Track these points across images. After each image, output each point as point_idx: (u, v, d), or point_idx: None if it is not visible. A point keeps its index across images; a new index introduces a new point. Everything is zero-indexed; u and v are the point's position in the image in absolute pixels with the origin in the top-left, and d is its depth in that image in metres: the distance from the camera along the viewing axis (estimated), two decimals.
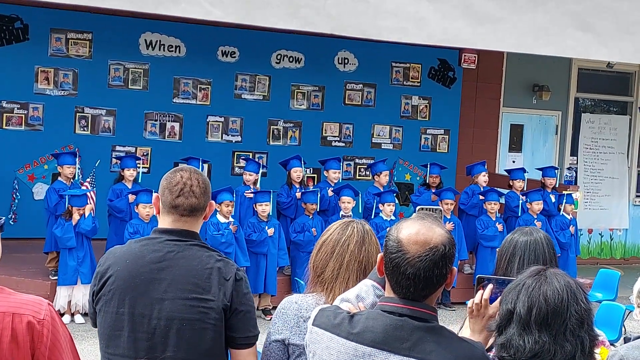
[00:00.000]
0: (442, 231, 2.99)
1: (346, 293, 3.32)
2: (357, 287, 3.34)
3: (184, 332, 3.58)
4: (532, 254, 4.10)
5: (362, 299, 3.25)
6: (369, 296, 3.27)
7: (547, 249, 4.16)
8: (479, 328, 3.38)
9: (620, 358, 4.27)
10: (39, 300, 3.26)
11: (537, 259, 4.03)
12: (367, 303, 3.23)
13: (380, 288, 3.28)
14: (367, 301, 3.24)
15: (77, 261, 11.08)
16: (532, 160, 17.24)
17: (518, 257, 4.12)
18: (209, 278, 3.62)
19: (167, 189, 3.76)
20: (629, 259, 18.05)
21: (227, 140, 15.35)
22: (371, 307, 3.21)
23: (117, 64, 14.56)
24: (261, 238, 11.88)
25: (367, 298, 3.26)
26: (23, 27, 13.85)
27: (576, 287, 3.06)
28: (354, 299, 3.24)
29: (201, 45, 14.87)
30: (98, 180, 13.85)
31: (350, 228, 3.78)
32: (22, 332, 3.12)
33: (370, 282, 3.33)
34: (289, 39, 15.08)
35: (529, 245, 4.14)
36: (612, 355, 4.25)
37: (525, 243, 4.15)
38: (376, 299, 3.25)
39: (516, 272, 3.98)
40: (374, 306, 3.21)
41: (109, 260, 3.75)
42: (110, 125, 14.60)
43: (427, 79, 16.61)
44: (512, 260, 4.13)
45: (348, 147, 16.17)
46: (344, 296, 3.29)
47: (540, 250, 4.13)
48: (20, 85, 13.95)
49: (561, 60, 16.52)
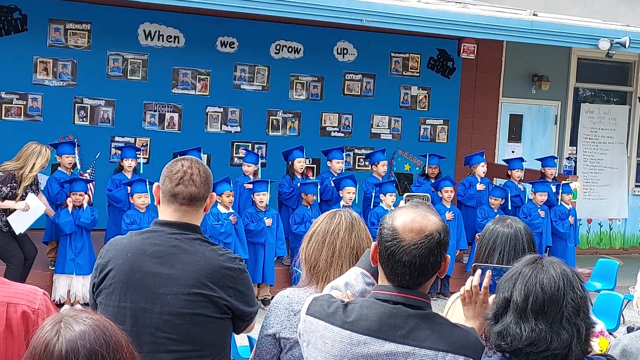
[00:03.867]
0: (436, 219, 3.00)
1: (335, 281, 3.33)
2: (346, 275, 3.35)
3: (186, 327, 3.59)
4: (511, 250, 4.13)
5: (351, 286, 3.26)
6: (358, 284, 3.28)
7: (527, 242, 4.19)
8: (472, 314, 3.40)
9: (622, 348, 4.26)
10: (34, 290, 3.26)
11: (517, 254, 4.02)
12: (356, 291, 3.24)
13: (369, 276, 3.29)
14: (356, 289, 3.25)
15: (74, 252, 11.08)
16: (532, 150, 17.24)
17: (498, 252, 4.15)
18: (211, 273, 3.62)
19: (168, 177, 3.76)
20: (628, 249, 18.06)
21: (226, 131, 15.33)
22: (360, 294, 3.22)
23: (116, 54, 14.53)
24: (259, 228, 11.89)
25: (356, 286, 3.27)
26: (22, 18, 13.82)
27: (572, 276, 3.06)
28: (343, 286, 3.25)
29: (200, 36, 14.85)
30: (97, 171, 13.85)
31: (337, 216, 3.82)
32: (16, 321, 3.13)
33: (359, 269, 3.34)
34: (288, 29, 15.06)
35: (509, 241, 4.16)
36: (615, 345, 4.24)
37: (507, 237, 4.17)
38: (365, 286, 3.26)
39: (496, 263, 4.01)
40: (363, 294, 3.22)
41: (109, 253, 3.74)
42: (109, 115, 14.58)
43: (427, 69, 16.59)
44: (492, 254, 4.15)
45: (347, 137, 16.15)
46: (333, 284, 3.29)
47: (520, 245, 4.16)
48: (19, 75, 13.92)
49: (560, 50, 16.52)
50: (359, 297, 3.18)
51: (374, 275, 3.23)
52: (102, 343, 2.43)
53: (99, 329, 2.46)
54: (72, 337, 2.41)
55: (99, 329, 2.46)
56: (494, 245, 4.16)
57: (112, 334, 2.49)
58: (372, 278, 3.25)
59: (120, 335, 2.52)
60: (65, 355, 2.39)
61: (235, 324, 3.74)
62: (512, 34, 13.92)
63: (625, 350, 4.26)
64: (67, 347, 2.40)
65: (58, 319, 2.49)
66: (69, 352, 2.39)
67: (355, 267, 3.38)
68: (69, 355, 2.40)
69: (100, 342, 2.43)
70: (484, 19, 13.59)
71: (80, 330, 2.44)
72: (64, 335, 2.42)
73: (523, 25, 13.81)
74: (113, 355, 2.44)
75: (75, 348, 2.40)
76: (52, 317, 2.51)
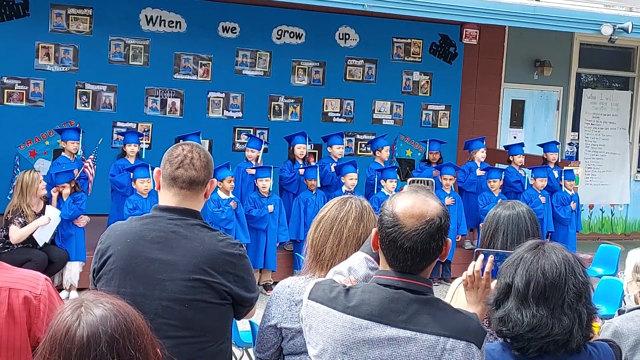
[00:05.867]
0: (436, 203, 3.00)
1: (338, 266, 3.32)
2: (349, 259, 3.34)
3: (186, 312, 3.59)
4: (515, 229, 4.10)
5: (355, 271, 3.25)
6: (362, 269, 3.27)
7: (530, 223, 4.16)
8: (474, 299, 3.40)
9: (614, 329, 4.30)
10: (36, 275, 3.26)
11: (520, 235, 4.02)
12: (359, 275, 3.23)
13: (372, 261, 3.29)
14: (360, 274, 3.24)
15: (60, 240, 11.13)
16: (534, 135, 17.22)
17: (501, 233, 4.13)
18: (211, 259, 3.62)
19: (168, 161, 3.77)
20: (629, 235, 18.07)
21: (228, 116, 15.32)
22: (364, 279, 3.22)
23: (118, 39, 14.51)
24: (261, 214, 11.89)
25: (359, 271, 3.26)
26: (23, 3, 13.79)
27: (574, 261, 3.07)
28: (346, 271, 3.24)
29: (202, 21, 14.82)
30: (99, 156, 13.84)
31: (348, 204, 3.77)
32: (18, 307, 3.13)
33: (363, 254, 3.33)
34: (290, 14, 15.03)
35: (511, 220, 4.14)
36: (607, 326, 4.28)
37: (508, 218, 4.14)
38: (369, 271, 3.25)
39: (500, 247, 4.00)
40: (366, 279, 3.22)
41: (109, 239, 3.75)
42: (111, 101, 14.57)
43: (428, 55, 16.56)
44: (496, 235, 4.13)
45: (349, 123, 16.14)
46: (337, 269, 3.29)
47: (523, 225, 4.13)
48: (21, 61, 13.90)
49: (563, 35, 16.48)
50: (362, 282, 3.18)
51: (377, 260, 3.22)
52: (124, 329, 2.42)
53: (120, 314, 2.45)
54: (94, 322, 2.39)
55: (120, 314, 2.44)
56: (496, 226, 4.14)
57: (134, 320, 2.47)
58: (376, 263, 3.24)
59: (141, 321, 2.50)
60: (86, 340, 2.38)
61: (236, 309, 3.75)
62: (514, 19, 13.90)
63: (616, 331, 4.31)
64: (89, 332, 2.38)
65: (78, 303, 2.47)
66: (89, 337, 2.38)
67: (359, 252, 3.37)
68: (90, 341, 2.38)
69: (121, 328, 2.41)
70: (486, 4, 13.56)
71: (102, 315, 2.42)
72: (84, 320, 2.40)
73: (525, 11, 13.78)
74: (134, 341, 2.43)
75: (97, 333, 2.38)
76: (72, 301, 2.49)
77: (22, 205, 10.75)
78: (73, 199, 11.15)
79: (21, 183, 10.85)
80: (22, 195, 10.81)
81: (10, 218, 10.70)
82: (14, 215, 10.70)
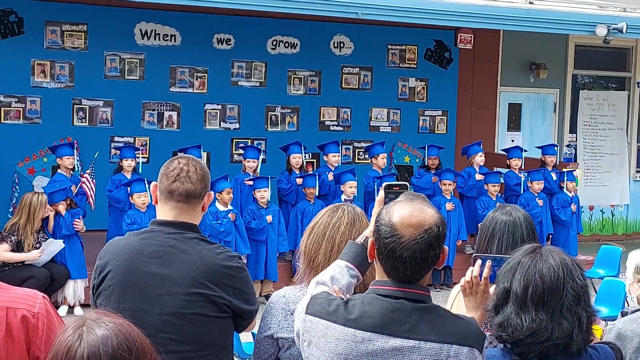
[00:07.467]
0: (433, 211, 2.99)
1: (320, 275, 3.28)
2: (330, 268, 3.29)
3: (186, 327, 3.59)
4: (510, 237, 4.11)
5: (337, 280, 3.21)
6: (344, 277, 3.23)
7: (527, 231, 4.17)
8: (473, 305, 3.39)
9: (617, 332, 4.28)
10: (34, 293, 3.24)
11: (515, 242, 4.02)
12: (342, 284, 3.20)
13: (353, 268, 3.26)
14: (342, 282, 3.21)
15: (58, 256, 11.12)
16: (531, 138, 17.22)
17: (497, 239, 4.14)
18: (210, 272, 3.62)
19: (164, 175, 3.76)
20: (630, 235, 18.06)
21: (225, 128, 15.32)
22: (346, 288, 3.20)
23: (113, 54, 14.52)
24: (260, 226, 11.89)
25: (341, 279, 3.22)
26: (18, 21, 13.81)
27: (572, 264, 3.06)
28: (329, 281, 3.21)
29: (196, 34, 14.83)
30: (97, 171, 13.83)
31: (340, 211, 3.78)
32: (16, 326, 3.11)
33: (344, 262, 3.29)
34: (284, 24, 15.05)
35: (508, 228, 4.14)
36: (610, 329, 4.26)
37: (505, 224, 4.15)
38: (350, 279, 3.23)
39: (495, 253, 4.00)
40: (349, 287, 3.20)
41: (108, 254, 3.75)
42: (107, 116, 14.57)
43: (424, 61, 16.57)
44: (492, 241, 4.15)
45: (346, 131, 16.14)
46: (319, 279, 3.25)
47: (519, 233, 4.14)
48: (17, 78, 13.90)
49: (558, 37, 16.49)
50: (345, 290, 3.17)
51: (358, 267, 3.22)
52: (125, 348, 2.41)
53: (121, 334, 2.44)
54: (94, 342, 2.39)
55: (121, 334, 2.44)
56: (493, 232, 4.16)
57: (136, 339, 2.46)
58: (357, 270, 3.24)
59: (144, 341, 2.50)
60: None
61: (236, 322, 3.74)
62: (508, 22, 13.92)
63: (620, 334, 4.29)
64: (89, 352, 2.38)
65: (81, 322, 2.47)
66: (90, 357, 2.37)
67: (339, 260, 3.32)
68: None
69: (122, 348, 2.40)
70: (480, 8, 13.57)
71: (103, 335, 2.41)
72: (86, 340, 2.40)
73: (519, 14, 13.80)
74: None
75: (98, 353, 2.38)
76: (75, 321, 2.49)
77: (26, 228, 10.71)
78: (71, 215, 11.16)
79: (29, 206, 10.78)
80: (28, 220, 10.76)
81: (5, 236, 10.67)
82: (9, 233, 10.66)
